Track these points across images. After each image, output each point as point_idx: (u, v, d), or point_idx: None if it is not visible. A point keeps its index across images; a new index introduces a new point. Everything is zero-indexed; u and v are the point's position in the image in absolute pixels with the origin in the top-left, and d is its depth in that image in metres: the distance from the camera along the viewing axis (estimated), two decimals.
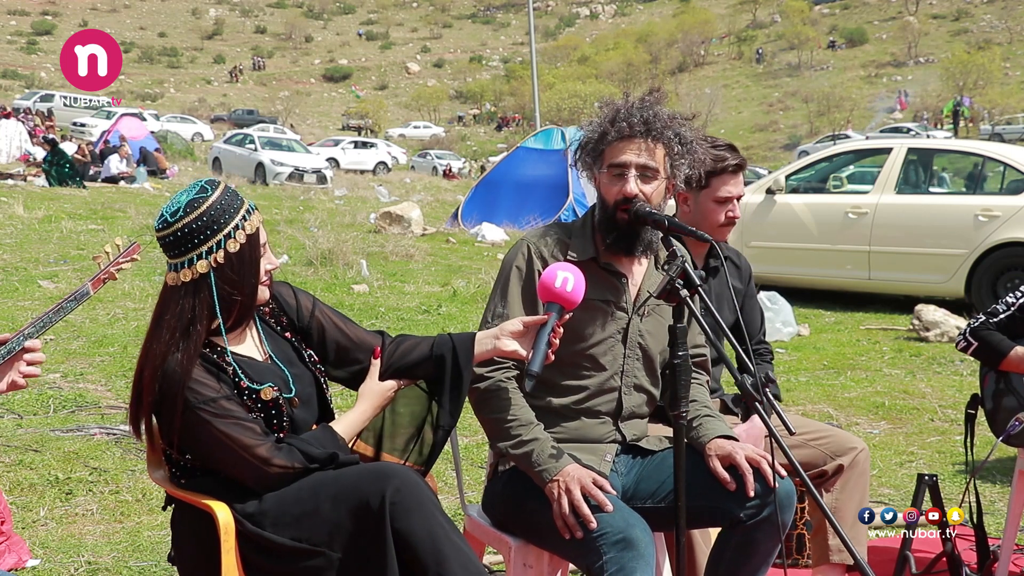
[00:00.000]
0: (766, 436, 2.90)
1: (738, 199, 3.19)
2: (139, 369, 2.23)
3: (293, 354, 2.39)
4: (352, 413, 2.38)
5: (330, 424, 2.34)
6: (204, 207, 2.18)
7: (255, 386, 2.25)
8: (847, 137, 41.98)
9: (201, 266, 2.18)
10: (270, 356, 2.34)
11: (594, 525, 2.28)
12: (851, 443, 3.10)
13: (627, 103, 2.55)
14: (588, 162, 2.59)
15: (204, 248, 2.18)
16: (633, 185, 2.49)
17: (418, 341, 2.47)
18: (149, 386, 2.18)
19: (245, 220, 2.22)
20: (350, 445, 2.38)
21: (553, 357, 2.30)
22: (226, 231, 2.19)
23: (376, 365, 2.43)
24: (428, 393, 2.45)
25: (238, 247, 2.20)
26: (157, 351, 2.18)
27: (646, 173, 2.51)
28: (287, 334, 2.41)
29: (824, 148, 15.07)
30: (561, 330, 2.31)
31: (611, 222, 2.53)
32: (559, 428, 2.55)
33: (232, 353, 2.27)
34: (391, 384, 2.43)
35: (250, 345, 2.34)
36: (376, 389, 2.42)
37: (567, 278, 2.29)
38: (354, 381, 2.47)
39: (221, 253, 2.19)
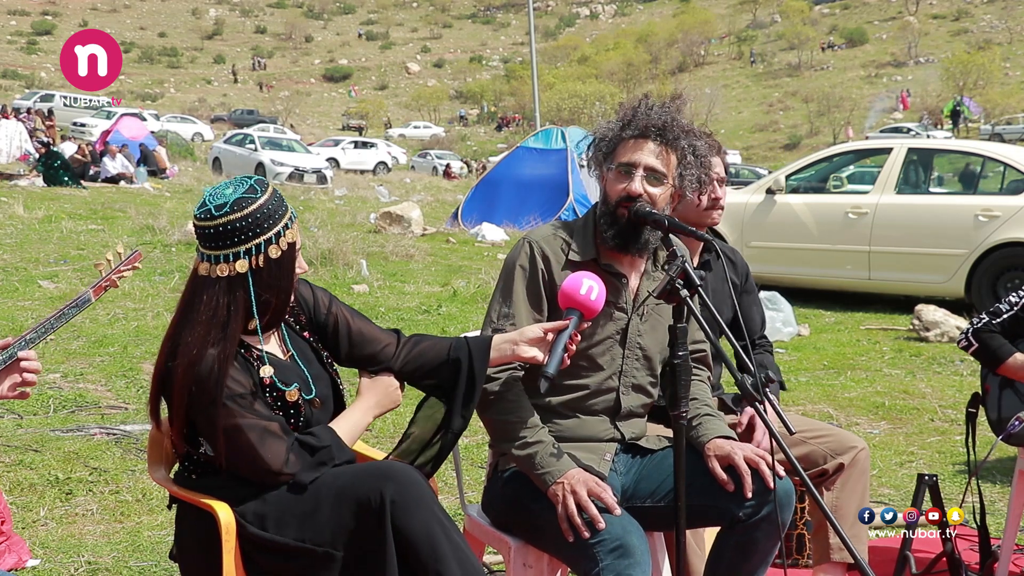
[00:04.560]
0: (766, 433, 2.90)
1: (720, 182, 3.18)
2: (165, 357, 2.21)
3: (312, 354, 2.39)
4: (354, 411, 2.37)
5: (331, 425, 2.32)
6: (251, 208, 2.17)
7: (283, 387, 2.25)
8: None
9: (240, 265, 2.17)
10: (292, 355, 2.35)
11: (602, 525, 2.27)
12: (851, 442, 3.10)
13: (647, 104, 2.55)
14: (599, 158, 2.59)
15: (243, 248, 2.17)
16: (638, 184, 2.49)
17: (435, 342, 2.46)
18: (182, 381, 2.15)
19: (287, 228, 2.22)
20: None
21: (569, 362, 2.31)
22: (268, 236, 2.18)
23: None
24: (444, 403, 2.43)
25: (279, 253, 2.20)
26: (191, 344, 2.16)
27: (654, 176, 2.51)
28: (305, 333, 2.41)
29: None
30: (579, 337, 2.33)
31: (611, 218, 2.53)
32: (558, 426, 2.55)
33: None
34: (393, 381, 2.42)
35: (274, 344, 2.34)
36: (379, 385, 2.40)
37: (592, 287, 2.30)
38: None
39: (262, 257, 2.18)
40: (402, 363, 2.43)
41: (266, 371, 2.24)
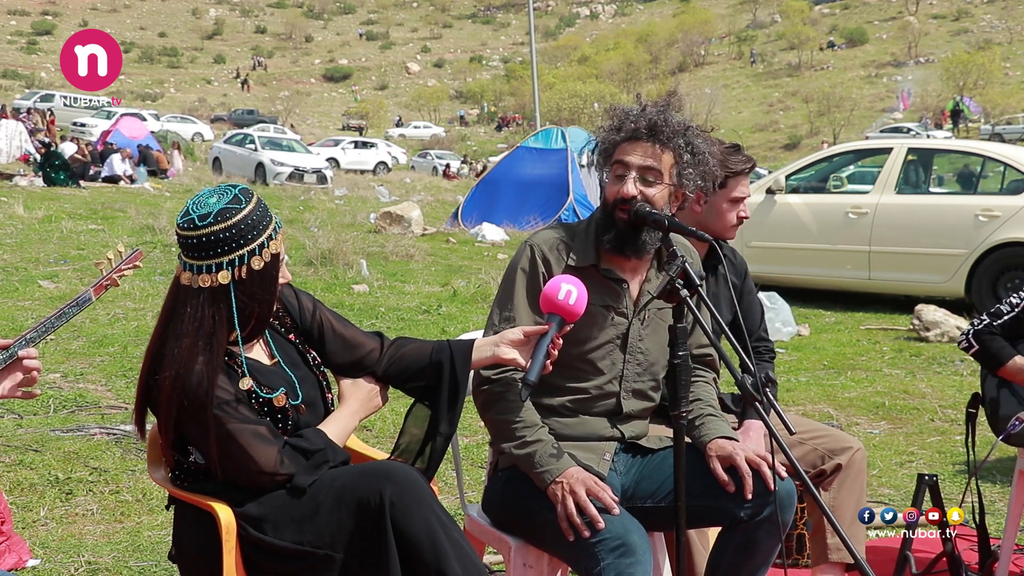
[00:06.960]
0: (765, 435, 2.90)
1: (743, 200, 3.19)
2: (148, 368, 2.20)
3: (297, 356, 2.39)
4: (341, 415, 2.36)
5: (320, 428, 2.31)
6: (235, 219, 2.14)
7: (267, 395, 2.24)
8: None
9: (223, 276, 2.15)
10: (277, 360, 2.34)
11: (602, 525, 2.27)
12: (847, 442, 3.10)
13: (640, 105, 2.55)
14: (600, 163, 2.60)
15: (227, 259, 2.14)
16: (631, 186, 2.49)
17: (417, 345, 2.46)
18: (170, 393, 2.13)
19: (271, 239, 2.19)
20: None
21: (551, 368, 2.30)
22: (251, 247, 2.16)
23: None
24: (428, 406, 2.42)
25: (262, 265, 2.18)
26: (178, 357, 2.14)
27: (647, 176, 2.50)
28: (291, 336, 2.41)
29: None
30: (560, 341, 2.31)
31: (610, 221, 2.53)
32: (558, 425, 2.55)
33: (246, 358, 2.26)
34: (374, 386, 2.42)
35: (258, 350, 2.34)
36: (361, 390, 2.41)
37: (570, 291, 2.28)
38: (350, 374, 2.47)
39: (244, 268, 2.16)
40: (385, 367, 2.43)
41: (244, 383, 2.22)
